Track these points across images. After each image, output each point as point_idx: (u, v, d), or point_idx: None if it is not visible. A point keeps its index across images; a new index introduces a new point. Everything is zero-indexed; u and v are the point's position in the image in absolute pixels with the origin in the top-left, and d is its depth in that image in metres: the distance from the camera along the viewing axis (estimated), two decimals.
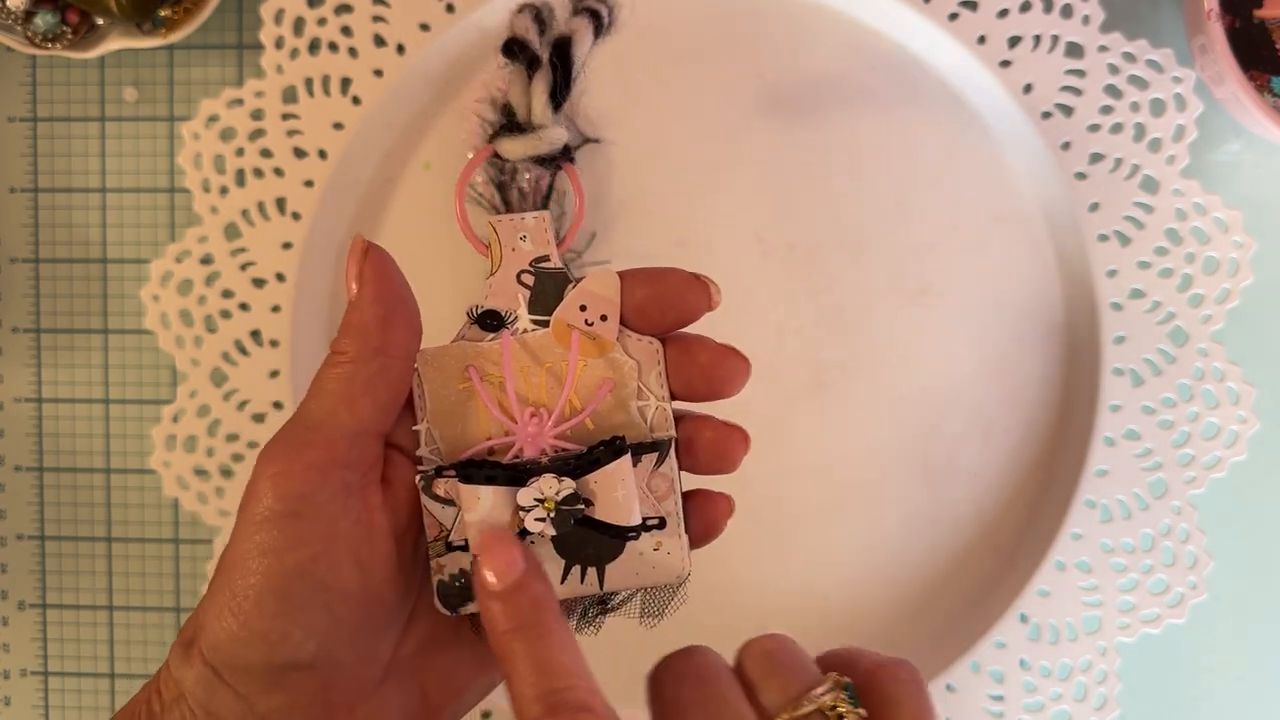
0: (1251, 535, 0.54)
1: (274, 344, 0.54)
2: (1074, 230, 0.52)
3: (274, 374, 0.54)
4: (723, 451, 0.33)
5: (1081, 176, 0.52)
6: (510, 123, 0.32)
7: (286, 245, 0.53)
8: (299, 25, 0.53)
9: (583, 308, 0.32)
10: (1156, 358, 0.52)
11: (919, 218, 0.54)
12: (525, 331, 0.33)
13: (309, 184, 0.53)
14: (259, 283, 0.54)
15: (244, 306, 0.54)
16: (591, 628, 0.34)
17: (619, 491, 0.31)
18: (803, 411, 0.54)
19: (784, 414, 0.54)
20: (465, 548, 0.32)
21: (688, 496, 0.33)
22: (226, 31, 0.56)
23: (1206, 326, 0.52)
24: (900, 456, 0.54)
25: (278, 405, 0.54)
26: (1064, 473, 0.53)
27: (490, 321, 0.33)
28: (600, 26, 0.33)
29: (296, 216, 0.53)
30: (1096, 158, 0.52)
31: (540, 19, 0.33)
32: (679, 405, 0.33)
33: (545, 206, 0.52)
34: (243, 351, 0.54)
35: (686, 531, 0.33)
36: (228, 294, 0.54)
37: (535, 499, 0.31)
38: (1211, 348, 0.52)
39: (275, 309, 0.53)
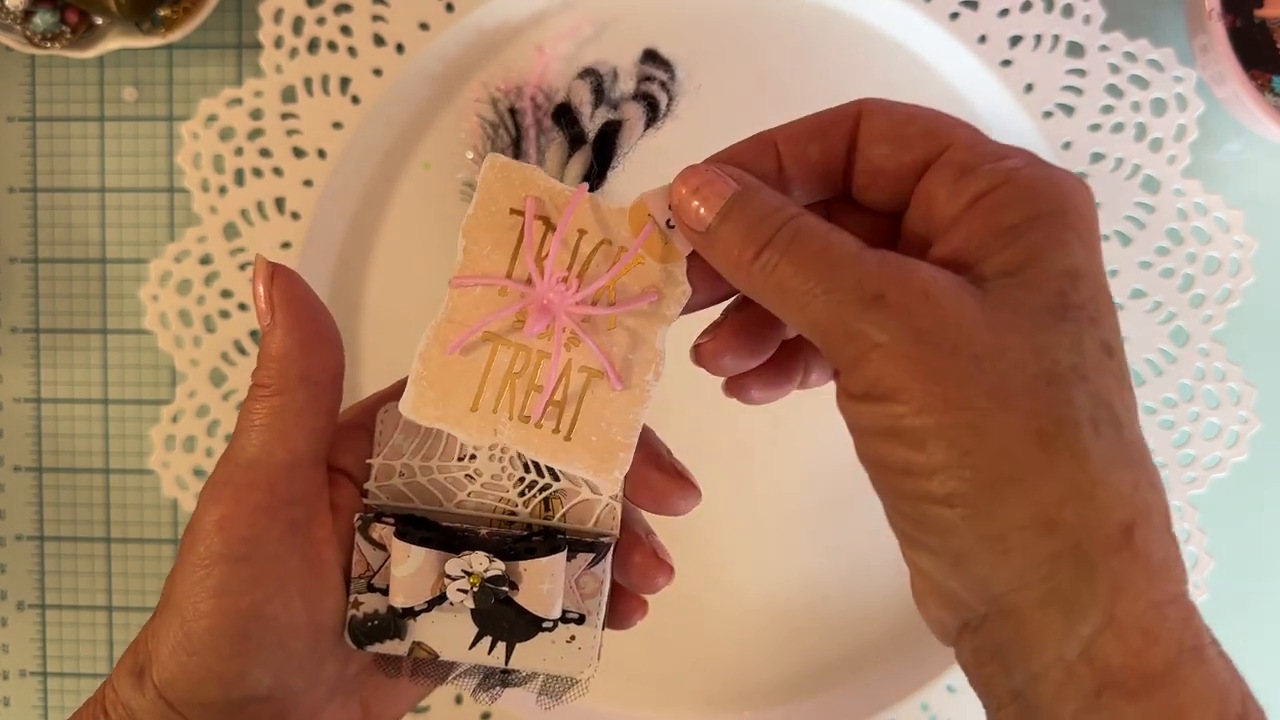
0: (1252, 535, 0.54)
1: None
2: None
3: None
4: (647, 577, 0.33)
5: (1083, 176, 0.52)
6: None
7: (285, 245, 0.53)
8: (298, 24, 0.53)
9: (671, 207, 0.30)
10: (1157, 358, 0.52)
11: None
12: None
13: (308, 184, 0.53)
14: None
15: (243, 306, 0.54)
16: (487, 696, 0.34)
17: (545, 585, 0.31)
18: (804, 411, 0.54)
19: (785, 414, 0.54)
20: (386, 591, 0.32)
21: (611, 588, 0.33)
22: (225, 31, 0.56)
23: (1207, 326, 0.52)
24: None
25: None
26: None
27: None
28: (654, 118, 0.33)
29: (296, 216, 0.53)
30: (1097, 157, 0.52)
31: (600, 88, 0.33)
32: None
33: None
34: (242, 351, 0.54)
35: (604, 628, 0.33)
36: (227, 294, 0.54)
37: (463, 571, 0.31)
38: (1212, 348, 0.52)
39: None
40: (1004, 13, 0.52)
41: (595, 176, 0.32)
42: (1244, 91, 0.48)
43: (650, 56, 0.34)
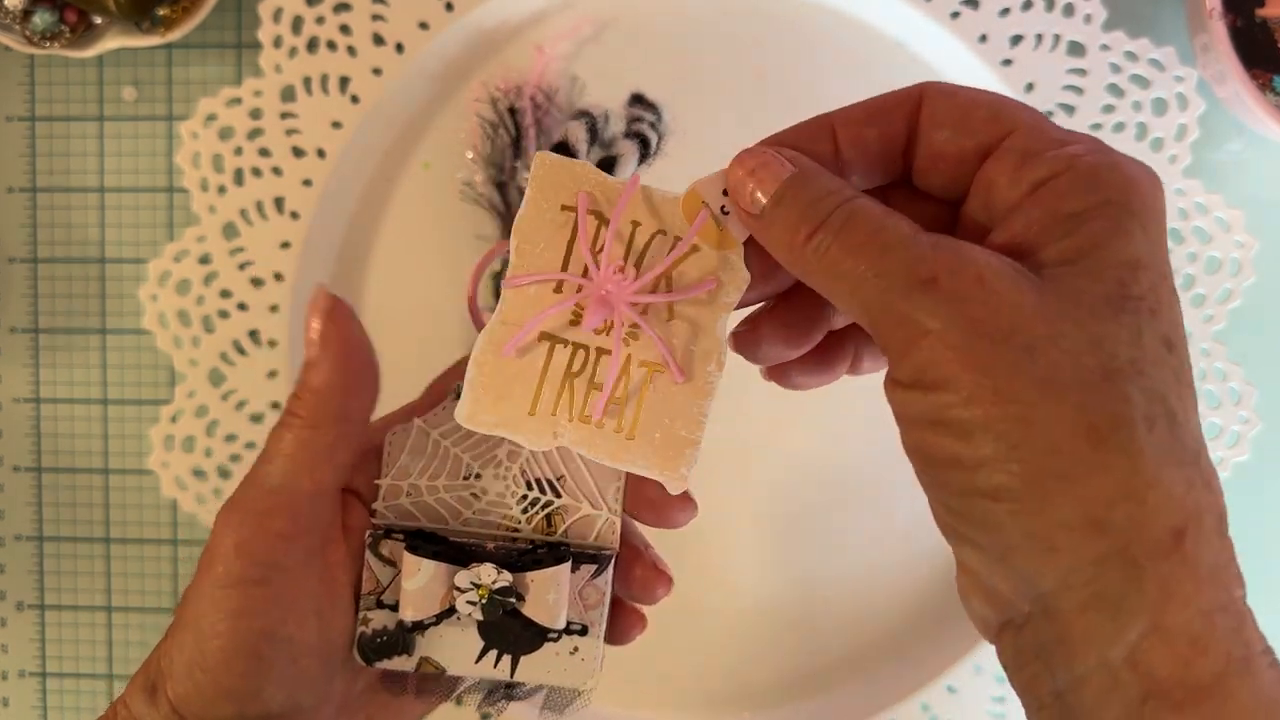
0: (1254, 536, 0.54)
1: (272, 344, 0.54)
2: None
3: (272, 374, 0.54)
4: (647, 588, 0.33)
5: None
6: None
7: (285, 245, 0.53)
8: (297, 24, 0.53)
9: (726, 193, 0.29)
10: None
11: None
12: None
13: (308, 183, 0.53)
14: (257, 282, 0.54)
15: (242, 306, 0.54)
16: (494, 710, 0.34)
17: (551, 595, 0.32)
18: (804, 411, 0.54)
19: (785, 414, 0.54)
20: (395, 607, 0.32)
21: (611, 603, 0.34)
22: (225, 30, 0.55)
23: (1208, 326, 0.52)
24: (902, 456, 0.54)
25: (276, 405, 0.54)
26: None
27: None
28: (646, 154, 0.33)
29: (295, 216, 0.53)
30: None
31: (594, 129, 0.33)
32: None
33: None
34: (241, 351, 0.54)
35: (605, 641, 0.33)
36: (226, 294, 0.54)
37: (472, 583, 0.31)
38: (1213, 348, 0.52)
39: (273, 309, 0.53)
40: (1005, 12, 0.51)
41: None
42: (1245, 91, 0.48)
43: (637, 100, 0.34)
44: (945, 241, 0.25)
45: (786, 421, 0.54)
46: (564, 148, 0.32)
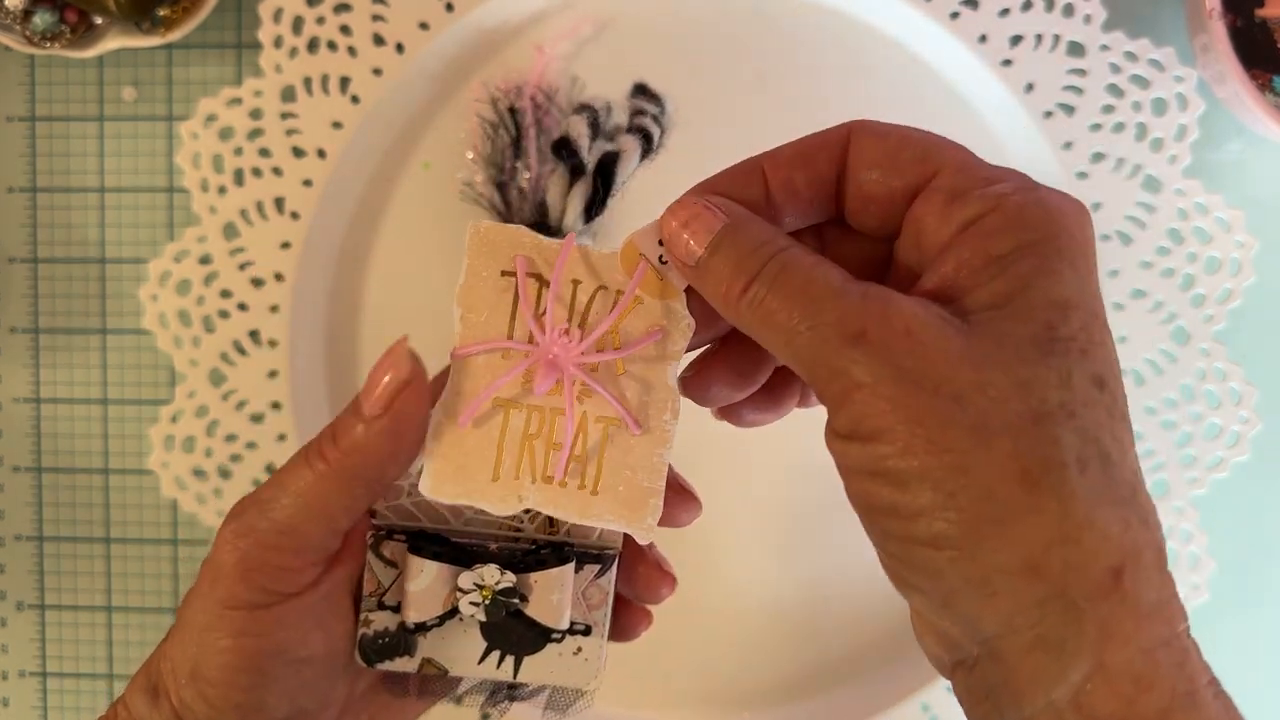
0: (1254, 536, 0.54)
1: (273, 344, 0.54)
2: None
3: (273, 374, 0.54)
4: (651, 587, 0.33)
5: (1083, 176, 0.52)
6: (541, 222, 0.32)
7: (285, 245, 0.53)
8: (298, 24, 0.53)
9: (661, 243, 0.29)
10: (1158, 358, 0.52)
11: None
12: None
13: (308, 183, 0.53)
14: (257, 282, 0.54)
15: (242, 306, 0.54)
16: (496, 710, 0.34)
17: (555, 595, 0.31)
18: (805, 412, 0.54)
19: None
20: (397, 609, 0.32)
21: (616, 600, 0.33)
22: (225, 30, 0.56)
23: (1209, 326, 0.52)
24: None
25: (276, 406, 0.54)
26: None
27: None
28: (649, 149, 0.33)
29: (295, 216, 0.53)
30: (1098, 157, 0.52)
31: (596, 123, 0.33)
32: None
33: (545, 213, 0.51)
34: (241, 352, 0.54)
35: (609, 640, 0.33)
36: (226, 294, 0.54)
37: (475, 584, 0.31)
38: (1213, 348, 0.52)
39: (274, 309, 0.53)
40: (1004, 12, 0.51)
41: (598, 204, 0.32)
42: (1245, 91, 0.48)
43: (641, 90, 0.34)
44: (874, 291, 0.25)
45: (786, 422, 0.54)
46: (566, 143, 0.32)
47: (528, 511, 0.32)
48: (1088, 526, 0.23)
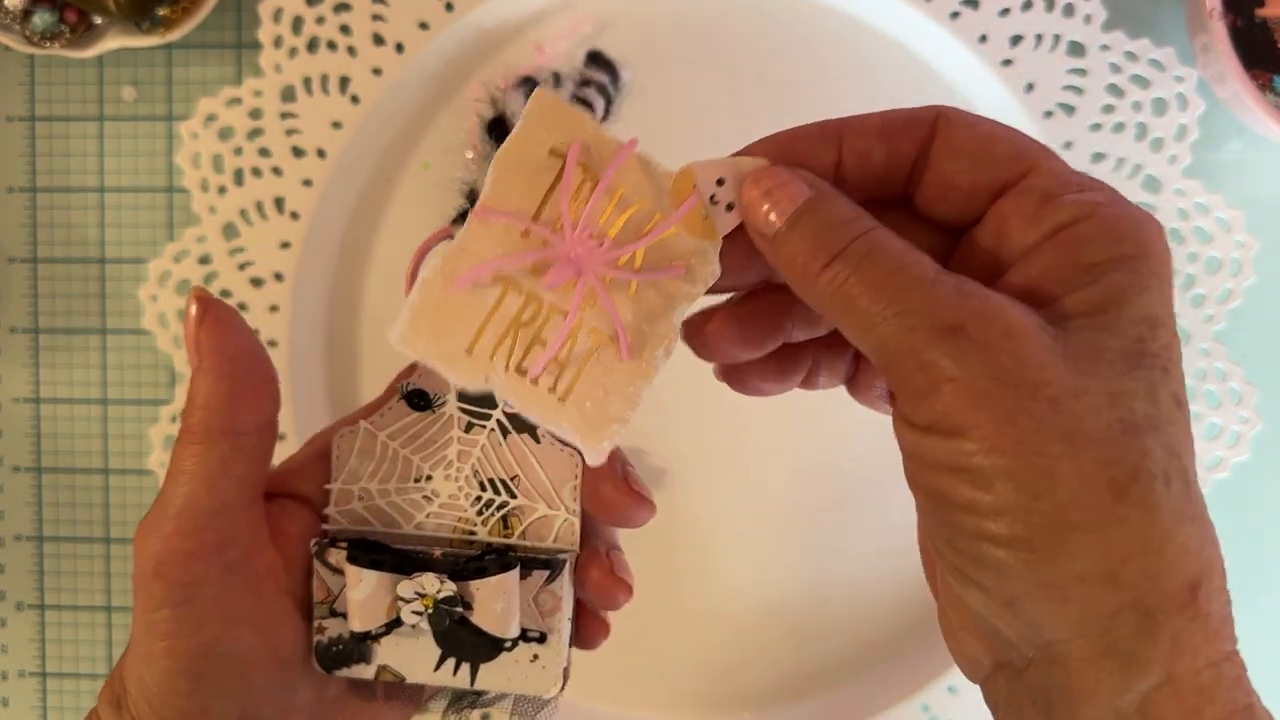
0: (1254, 536, 0.54)
1: (272, 344, 0.54)
2: None
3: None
4: (606, 594, 0.32)
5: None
6: (468, 212, 0.30)
7: (285, 245, 0.53)
8: (297, 24, 0.53)
9: (720, 182, 0.28)
10: None
11: None
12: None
13: (308, 183, 0.53)
14: (257, 282, 0.54)
15: (242, 306, 0.54)
16: (458, 717, 0.34)
17: (499, 604, 0.31)
18: (804, 410, 0.54)
19: (784, 413, 0.54)
20: (347, 616, 0.32)
21: (578, 607, 0.33)
22: (225, 30, 0.55)
23: (1209, 326, 0.52)
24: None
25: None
26: None
27: (417, 400, 0.32)
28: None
29: (295, 216, 0.53)
30: (1098, 157, 0.52)
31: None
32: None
33: None
34: None
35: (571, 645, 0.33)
36: (226, 294, 0.54)
37: (415, 593, 0.31)
38: (1214, 348, 0.52)
39: (273, 309, 0.53)
40: (1005, 12, 0.51)
41: None
42: (1245, 91, 0.48)
43: (594, 59, 0.33)
44: (969, 287, 0.25)
45: (786, 422, 0.54)
46: (500, 122, 0.31)
47: (480, 514, 0.32)
48: (1170, 540, 0.24)
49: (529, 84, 0.31)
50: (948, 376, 0.24)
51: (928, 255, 0.26)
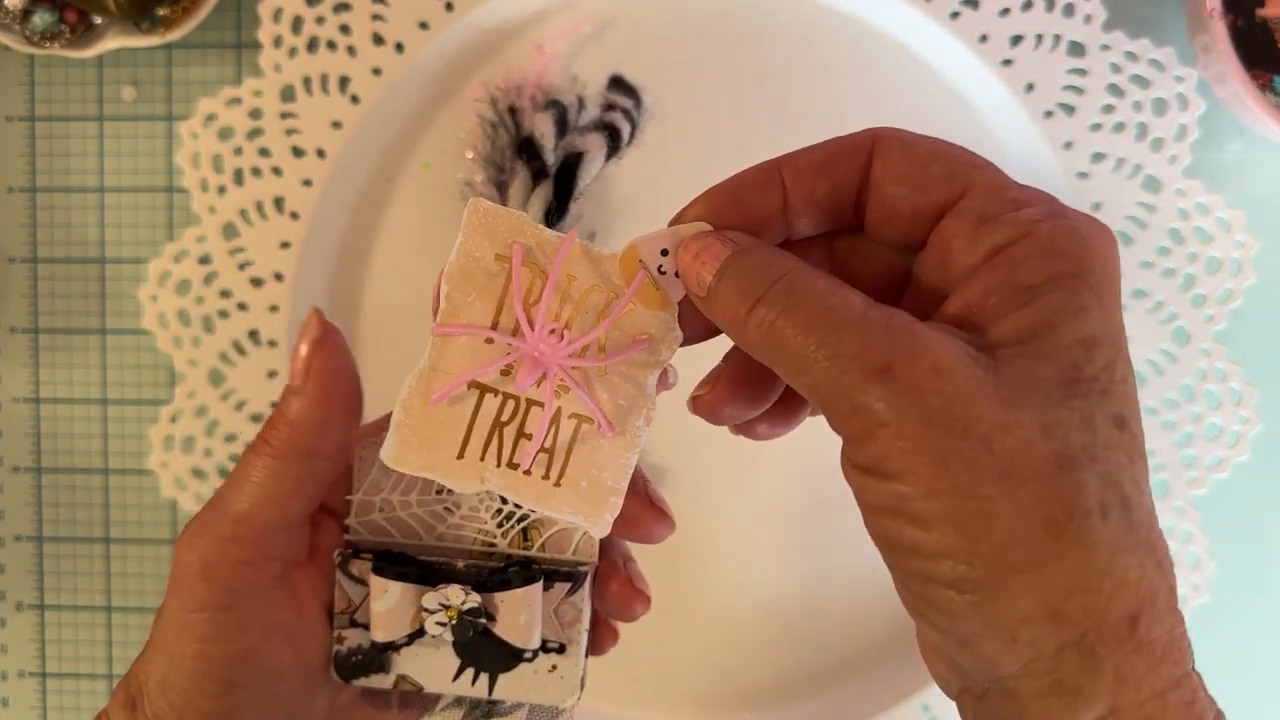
0: (1254, 536, 0.54)
1: (272, 344, 0.54)
2: None
3: (272, 374, 0.54)
4: (625, 605, 0.33)
5: (1083, 176, 0.52)
6: None
7: (285, 245, 0.53)
8: (297, 24, 0.53)
9: (664, 252, 0.29)
10: (1159, 358, 0.52)
11: None
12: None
13: (307, 183, 0.53)
14: (257, 282, 0.54)
15: (242, 306, 0.54)
16: None
17: (523, 616, 0.31)
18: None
19: None
20: (368, 626, 0.32)
21: (592, 616, 0.33)
22: (225, 30, 0.55)
23: (1209, 327, 0.52)
24: None
25: (276, 406, 0.54)
26: None
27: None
28: (615, 148, 0.32)
29: (295, 216, 0.53)
30: (1099, 157, 0.52)
31: (564, 120, 0.32)
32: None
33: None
34: (241, 352, 0.54)
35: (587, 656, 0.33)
36: (226, 294, 0.54)
37: (440, 604, 0.31)
38: (1214, 348, 0.52)
39: (273, 309, 0.53)
40: (1005, 12, 0.51)
41: (555, 210, 0.31)
42: (1245, 91, 0.48)
43: (617, 83, 0.33)
44: (898, 322, 0.25)
45: None
46: (529, 144, 0.32)
47: (500, 526, 0.32)
48: (1108, 574, 0.24)
49: (556, 106, 0.32)
50: (881, 421, 0.24)
51: (862, 291, 0.26)
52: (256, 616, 0.30)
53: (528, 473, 0.30)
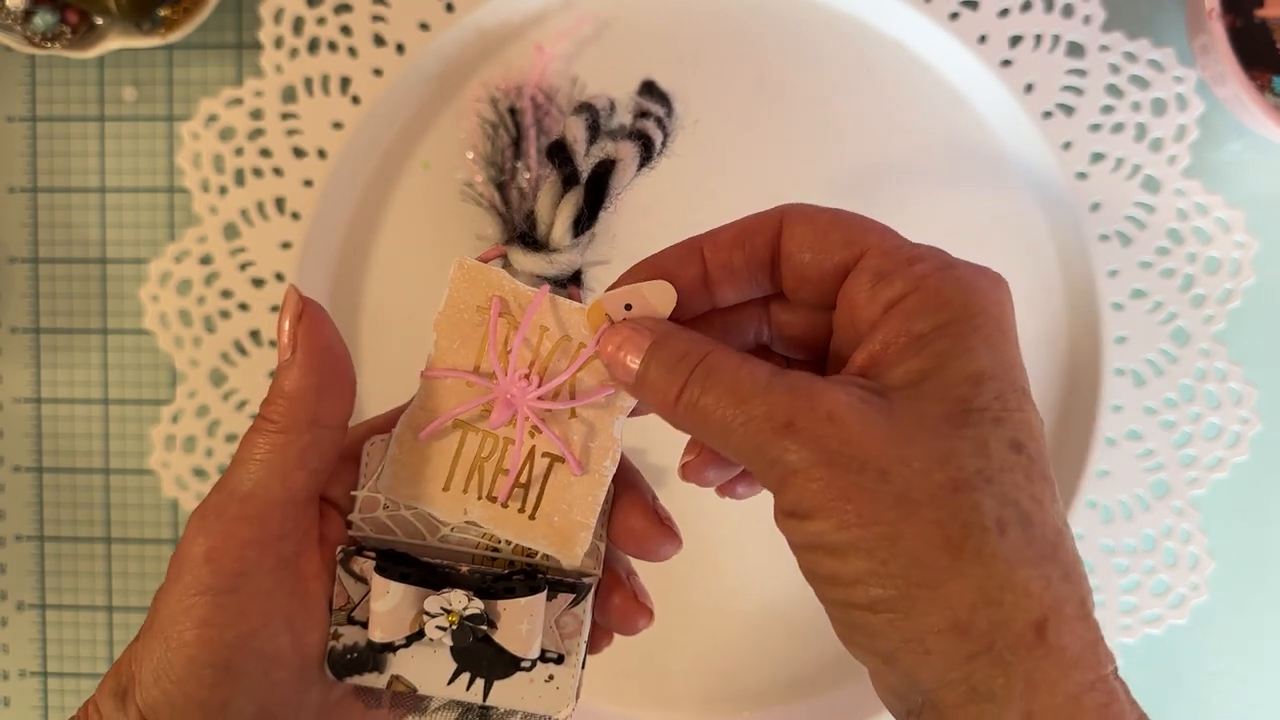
0: (1253, 536, 0.54)
1: (273, 344, 0.54)
2: (1075, 230, 0.52)
3: (273, 374, 0.54)
4: (627, 619, 0.33)
5: (1083, 176, 0.52)
6: (529, 233, 0.32)
7: (285, 245, 0.53)
8: (298, 24, 0.53)
9: (628, 306, 0.31)
10: (1158, 358, 0.52)
11: (919, 218, 0.54)
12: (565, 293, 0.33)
13: (308, 183, 0.53)
14: (258, 282, 0.54)
15: (243, 306, 0.54)
16: None
17: (524, 625, 0.31)
18: None
19: None
20: (366, 624, 0.32)
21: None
22: (226, 31, 0.56)
23: (1208, 327, 0.52)
24: None
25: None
26: (1066, 473, 0.53)
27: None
28: (648, 157, 0.32)
29: (296, 216, 0.53)
30: (1098, 157, 0.52)
31: (596, 124, 0.32)
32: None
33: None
34: (242, 351, 0.54)
35: (584, 667, 0.33)
36: (227, 294, 0.54)
37: (442, 608, 0.31)
38: (1213, 348, 0.52)
39: (274, 309, 0.53)
40: (1004, 13, 0.52)
41: (586, 219, 0.32)
42: (1244, 91, 0.48)
43: (648, 89, 0.33)
44: (799, 382, 0.28)
45: None
46: (561, 147, 0.32)
47: None
48: (1009, 586, 0.25)
49: (588, 110, 0.32)
50: (791, 469, 0.27)
51: (770, 364, 0.29)
52: (258, 600, 0.30)
53: (505, 505, 0.32)
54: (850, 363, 0.29)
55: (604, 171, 0.31)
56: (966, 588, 0.25)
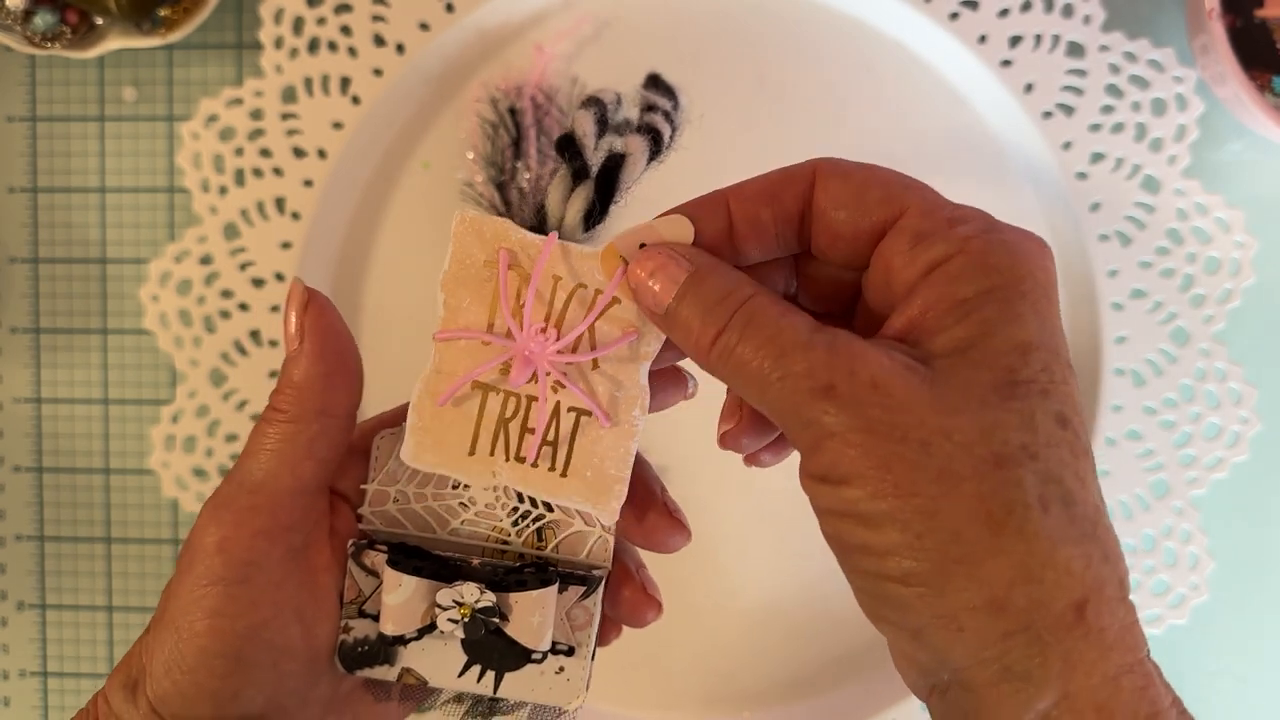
0: (1253, 536, 0.54)
1: (273, 344, 0.54)
2: (1075, 230, 0.52)
3: (274, 374, 0.54)
4: (636, 612, 0.33)
5: (1082, 176, 0.52)
6: (539, 227, 0.31)
7: (286, 245, 0.53)
8: (298, 25, 0.53)
9: (643, 247, 0.30)
10: (1158, 358, 0.52)
11: None
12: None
13: (308, 183, 0.53)
14: (258, 283, 0.54)
15: (243, 306, 0.54)
16: None
17: (536, 617, 0.31)
18: None
19: None
20: (377, 617, 0.32)
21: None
22: (226, 31, 0.56)
23: (1208, 327, 0.52)
24: None
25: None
26: None
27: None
28: (657, 150, 0.32)
29: (296, 216, 0.53)
30: (1097, 157, 0.52)
31: (604, 118, 0.32)
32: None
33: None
34: (242, 351, 0.54)
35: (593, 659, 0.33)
36: (227, 294, 0.54)
37: (454, 601, 0.31)
38: (1213, 348, 0.52)
39: (274, 309, 0.53)
40: (1004, 13, 0.52)
41: (597, 212, 0.32)
42: (1244, 91, 0.48)
43: (654, 82, 0.33)
44: (840, 343, 0.26)
45: None
46: (570, 141, 0.32)
47: (515, 525, 0.32)
48: (1050, 565, 0.25)
49: (595, 104, 0.32)
50: (828, 433, 0.26)
51: (810, 316, 0.27)
52: (269, 591, 0.30)
53: (534, 465, 0.31)
54: (887, 326, 0.28)
55: (614, 165, 0.31)
56: (1006, 565, 0.24)
